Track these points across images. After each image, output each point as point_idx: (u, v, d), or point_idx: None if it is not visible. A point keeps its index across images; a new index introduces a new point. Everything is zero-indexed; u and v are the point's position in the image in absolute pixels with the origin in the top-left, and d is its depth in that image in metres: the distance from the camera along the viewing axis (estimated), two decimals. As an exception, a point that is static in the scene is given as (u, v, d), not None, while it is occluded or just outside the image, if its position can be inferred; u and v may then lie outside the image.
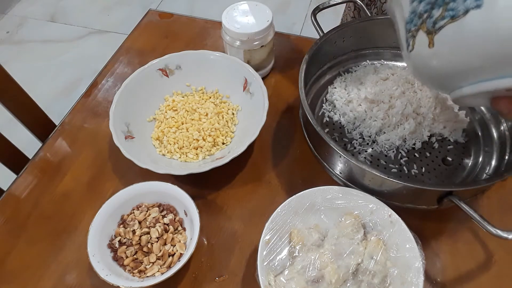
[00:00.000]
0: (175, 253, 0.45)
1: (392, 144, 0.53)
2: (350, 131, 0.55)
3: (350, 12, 0.76)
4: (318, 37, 0.55)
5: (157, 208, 0.48)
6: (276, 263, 0.42)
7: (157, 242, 0.45)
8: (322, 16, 0.59)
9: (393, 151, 0.53)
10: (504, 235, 0.38)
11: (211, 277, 0.46)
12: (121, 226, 0.46)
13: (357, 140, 0.54)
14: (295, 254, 0.42)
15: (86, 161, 0.56)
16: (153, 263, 0.44)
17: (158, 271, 0.43)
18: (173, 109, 0.58)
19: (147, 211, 0.47)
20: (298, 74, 0.50)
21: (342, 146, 0.54)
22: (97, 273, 0.41)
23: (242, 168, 0.55)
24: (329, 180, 0.51)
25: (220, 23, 0.59)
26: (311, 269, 0.40)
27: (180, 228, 0.47)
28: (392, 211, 0.43)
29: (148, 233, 0.46)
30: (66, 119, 0.61)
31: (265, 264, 0.41)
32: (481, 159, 0.52)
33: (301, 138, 0.57)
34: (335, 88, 0.59)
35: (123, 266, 0.44)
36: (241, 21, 0.57)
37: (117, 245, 0.45)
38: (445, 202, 0.43)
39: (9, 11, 1.93)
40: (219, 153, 0.54)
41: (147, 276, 0.43)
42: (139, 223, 0.46)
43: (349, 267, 0.41)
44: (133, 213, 0.47)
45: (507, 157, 0.51)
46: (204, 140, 0.54)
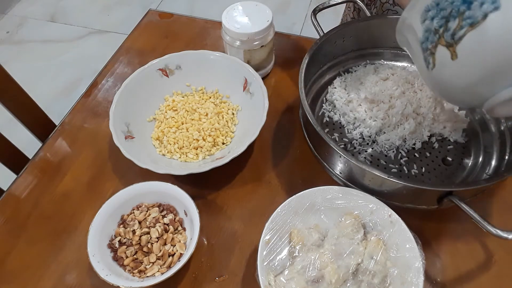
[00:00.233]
0: (175, 253, 0.45)
1: (392, 144, 0.53)
2: (350, 131, 0.55)
3: (350, 12, 0.76)
4: (318, 37, 0.55)
5: (157, 208, 0.48)
6: (276, 263, 0.42)
7: (157, 242, 0.45)
8: (322, 16, 0.59)
9: (393, 151, 0.53)
10: (504, 235, 0.38)
11: (211, 277, 0.46)
12: (121, 226, 0.46)
13: (357, 140, 0.54)
14: (295, 254, 0.42)
15: (86, 161, 0.56)
16: (153, 263, 0.44)
17: (158, 271, 0.43)
18: (173, 109, 0.58)
19: (147, 211, 0.47)
20: (298, 74, 0.50)
21: (342, 146, 0.54)
22: (97, 273, 0.41)
23: (242, 168, 0.55)
24: (329, 180, 0.51)
25: (220, 23, 0.59)
26: (311, 269, 0.40)
27: (180, 228, 0.47)
28: (392, 211, 0.43)
29: (148, 233, 0.46)
30: (66, 119, 0.61)
31: (265, 264, 0.41)
32: (481, 159, 0.52)
33: (301, 138, 0.57)
34: (335, 88, 0.59)
35: (123, 266, 0.44)
36: (241, 21, 0.57)
37: (117, 245, 0.45)
38: (445, 202, 0.43)
39: (9, 11, 1.93)
40: (219, 153, 0.54)
41: (147, 276, 0.43)
42: (139, 223, 0.46)
43: (349, 267, 0.41)
44: (133, 213, 0.47)
45: (507, 157, 0.51)
46: (204, 140, 0.54)
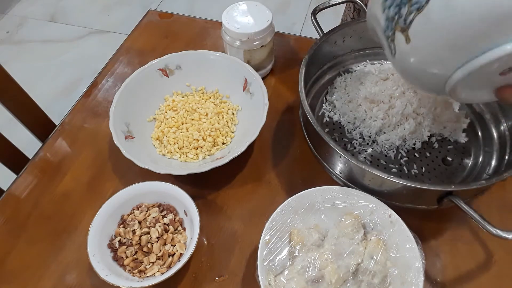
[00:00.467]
0: (175, 253, 0.45)
1: (392, 144, 0.53)
2: (350, 131, 0.55)
3: (350, 12, 0.76)
4: (318, 37, 0.55)
5: (157, 208, 0.48)
6: (276, 263, 0.42)
7: (157, 242, 0.45)
8: (322, 16, 0.59)
9: (393, 151, 0.53)
10: (504, 235, 0.38)
11: (211, 277, 0.46)
12: (121, 226, 0.46)
13: (357, 140, 0.54)
14: (295, 254, 0.42)
15: (86, 161, 0.56)
16: (153, 263, 0.44)
17: (158, 271, 0.43)
18: (173, 109, 0.58)
19: (147, 211, 0.47)
20: (298, 74, 0.50)
21: (342, 146, 0.54)
22: (97, 273, 0.41)
23: (242, 168, 0.55)
24: (329, 180, 0.51)
25: (220, 23, 0.59)
26: (311, 269, 0.40)
27: (180, 228, 0.47)
28: (392, 211, 0.43)
29: (148, 233, 0.46)
30: (66, 119, 0.61)
31: (265, 264, 0.41)
32: (481, 159, 0.52)
33: (301, 138, 0.57)
34: (335, 88, 0.59)
35: (123, 266, 0.44)
36: (241, 21, 0.57)
37: (117, 245, 0.45)
38: (445, 202, 0.43)
39: (9, 11, 1.93)
40: (219, 153, 0.54)
41: (147, 276, 0.43)
42: (139, 223, 0.46)
43: (349, 267, 0.41)
44: (133, 213, 0.47)
45: (507, 157, 0.51)
46: (204, 140, 0.54)
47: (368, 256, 0.41)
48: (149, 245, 0.45)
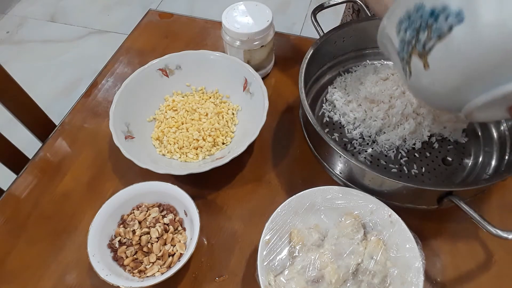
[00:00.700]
0: (175, 253, 0.45)
1: (392, 144, 0.53)
2: (350, 131, 0.55)
3: (349, 12, 0.76)
4: (318, 37, 0.55)
5: (157, 208, 0.48)
6: (276, 263, 0.42)
7: (157, 242, 0.45)
8: (322, 16, 0.59)
9: (393, 151, 0.53)
10: (504, 235, 0.38)
11: (211, 277, 0.46)
12: (121, 226, 0.46)
13: (357, 140, 0.54)
14: (295, 254, 0.42)
15: (86, 161, 0.56)
16: (153, 263, 0.44)
17: (158, 271, 0.43)
18: (173, 109, 0.58)
19: (147, 211, 0.47)
20: (298, 74, 0.50)
21: (342, 146, 0.54)
22: (97, 273, 0.41)
23: (242, 168, 0.55)
24: (329, 180, 0.51)
25: (220, 23, 0.59)
26: (311, 269, 0.40)
27: (180, 228, 0.47)
28: (392, 211, 0.43)
29: (148, 233, 0.46)
30: (66, 119, 0.61)
31: (265, 264, 0.41)
32: (481, 159, 0.52)
33: (301, 138, 0.57)
34: (335, 88, 0.59)
35: (123, 266, 0.44)
36: (241, 21, 0.57)
37: (117, 245, 0.45)
38: (445, 202, 0.43)
39: (9, 11, 1.93)
40: (219, 153, 0.54)
41: (147, 276, 0.43)
42: (139, 223, 0.46)
43: (349, 267, 0.41)
44: (133, 213, 0.47)
45: (507, 157, 0.51)
46: (204, 140, 0.54)
47: (368, 256, 0.41)
48: (149, 245, 0.45)
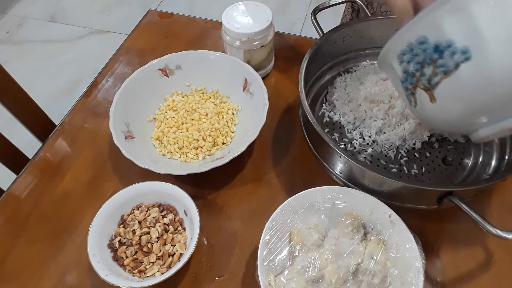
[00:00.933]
0: (175, 253, 0.45)
1: (392, 144, 0.53)
2: (350, 131, 0.55)
3: (349, 12, 0.76)
4: (318, 37, 0.55)
5: (157, 208, 0.48)
6: (276, 263, 0.42)
7: (157, 242, 0.45)
8: (322, 16, 0.59)
9: (393, 151, 0.53)
10: (504, 235, 0.38)
11: (211, 277, 0.46)
12: (121, 226, 0.46)
13: (357, 140, 0.54)
14: (295, 254, 0.42)
15: (86, 161, 0.56)
16: (153, 263, 0.44)
17: (158, 271, 0.43)
18: (173, 109, 0.58)
19: (147, 211, 0.47)
20: (298, 74, 0.50)
21: (342, 146, 0.54)
22: (97, 273, 0.41)
23: (242, 168, 0.55)
24: (329, 180, 0.51)
25: (220, 23, 0.59)
26: (311, 269, 0.40)
27: (180, 228, 0.47)
28: (392, 211, 0.43)
29: (148, 233, 0.46)
30: (66, 119, 0.61)
31: (265, 264, 0.41)
32: (481, 159, 0.52)
33: (301, 138, 0.56)
34: (335, 88, 0.59)
35: (123, 266, 0.44)
36: (241, 21, 0.57)
37: (117, 245, 0.45)
38: (445, 202, 0.43)
39: (9, 11, 1.93)
40: (219, 153, 0.54)
41: (147, 276, 0.43)
42: (139, 223, 0.46)
43: (349, 267, 0.41)
44: (133, 213, 0.47)
45: (507, 157, 0.51)
46: (204, 140, 0.54)
47: (368, 256, 0.41)
48: (149, 245, 0.45)
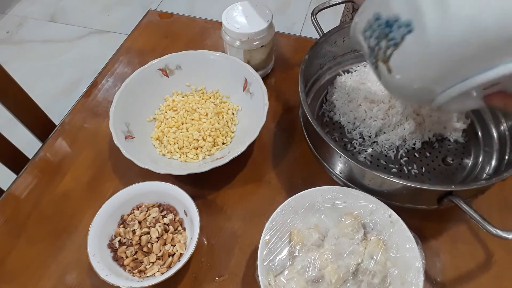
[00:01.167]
0: (175, 253, 0.45)
1: (392, 144, 0.53)
2: (350, 131, 0.55)
3: (349, 12, 0.76)
4: (318, 37, 0.55)
5: (157, 208, 0.48)
6: (276, 263, 0.42)
7: (157, 242, 0.45)
8: (322, 16, 0.58)
9: (393, 151, 0.53)
10: (504, 235, 0.38)
11: (211, 277, 0.46)
12: (121, 226, 0.46)
13: (357, 140, 0.54)
14: (295, 254, 0.42)
15: (86, 161, 0.56)
16: (153, 263, 0.44)
17: (158, 271, 0.43)
18: (173, 109, 0.58)
19: (147, 211, 0.47)
20: (298, 74, 0.50)
21: (342, 146, 0.54)
22: (97, 273, 0.41)
23: (242, 168, 0.55)
24: (329, 180, 0.51)
25: (220, 23, 0.59)
26: (311, 269, 0.40)
27: (180, 228, 0.47)
28: (392, 211, 0.43)
29: (148, 233, 0.46)
30: (66, 119, 0.61)
31: (265, 264, 0.41)
32: (481, 159, 0.52)
33: (301, 138, 0.57)
34: (335, 88, 0.59)
35: (123, 266, 0.44)
36: (241, 21, 0.57)
37: (117, 245, 0.45)
38: (445, 202, 0.43)
39: (9, 11, 1.93)
40: (219, 153, 0.54)
41: (147, 276, 0.43)
42: (139, 223, 0.46)
43: (349, 267, 0.41)
44: (133, 213, 0.47)
45: (507, 157, 0.51)
46: (204, 140, 0.54)
47: (368, 256, 0.41)
48: (149, 245, 0.45)
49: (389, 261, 0.41)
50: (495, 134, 0.54)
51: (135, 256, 0.45)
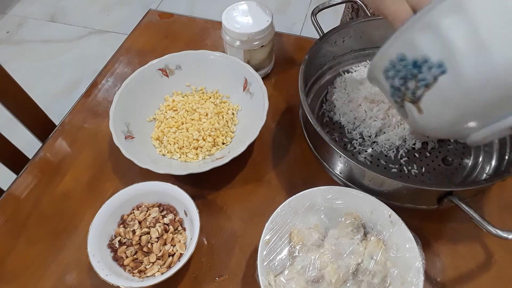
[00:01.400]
0: (175, 253, 0.45)
1: (392, 144, 0.53)
2: (350, 131, 0.55)
3: (349, 12, 0.76)
4: (318, 37, 0.55)
5: (157, 208, 0.48)
6: (276, 263, 0.42)
7: (157, 242, 0.45)
8: (322, 16, 0.59)
9: (393, 151, 0.53)
10: (504, 235, 0.38)
11: (211, 277, 0.46)
12: (121, 226, 0.46)
13: (357, 140, 0.54)
14: (295, 254, 0.42)
15: (86, 161, 0.56)
16: (153, 263, 0.44)
17: (158, 271, 0.43)
18: (173, 109, 0.58)
19: (147, 211, 0.47)
20: (298, 74, 0.50)
21: (342, 146, 0.54)
22: (97, 273, 0.41)
23: (242, 168, 0.55)
24: (329, 180, 0.51)
25: (220, 23, 0.59)
26: (311, 269, 0.40)
27: (180, 228, 0.47)
28: (392, 211, 0.43)
29: (148, 233, 0.46)
30: (66, 119, 0.61)
31: (265, 264, 0.41)
32: (481, 159, 0.52)
33: (301, 138, 0.56)
34: (335, 88, 0.59)
35: (123, 266, 0.44)
36: (241, 21, 0.57)
37: (117, 245, 0.45)
38: (445, 202, 0.43)
39: (9, 11, 1.93)
40: (219, 153, 0.54)
41: (147, 276, 0.43)
42: (139, 223, 0.46)
43: (349, 267, 0.41)
44: (133, 213, 0.47)
45: (507, 157, 0.51)
46: (204, 140, 0.54)
47: (368, 256, 0.41)
48: (149, 245, 0.45)
49: (389, 261, 0.41)
50: (495, 134, 0.54)
51: (135, 256, 0.45)
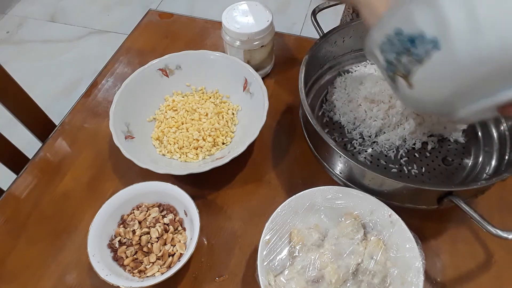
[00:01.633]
0: (175, 253, 0.45)
1: (392, 144, 0.53)
2: (350, 131, 0.55)
3: (349, 13, 0.76)
4: (318, 37, 0.55)
5: (157, 208, 0.48)
6: (276, 263, 0.42)
7: (157, 242, 0.45)
8: (322, 16, 0.59)
9: (393, 151, 0.53)
10: (504, 235, 0.38)
11: (211, 277, 0.46)
12: (121, 226, 0.46)
13: (357, 140, 0.54)
14: (295, 254, 0.42)
15: (86, 161, 0.56)
16: (153, 263, 0.44)
17: (158, 271, 0.43)
18: (173, 109, 0.58)
19: (147, 211, 0.47)
20: (298, 74, 0.50)
21: (342, 146, 0.54)
22: (97, 273, 0.41)
23: (242, 168, 0.55)
24: (329, 180, 0.51)
25: (220, 23, 0.59)
26: (311, 269, 0.40)
27: (180, 228, 0.47)
28: (392, 211, 0.43)
29: (148, 233, 0.46)
30: (66, 119, 0.61)
31: (265, 264, 0.41)
32: (481, 159, 0.52)
33: (301, 138, 0.56)
34: (335, 88, 0.59)
35: (123, 266, 0.44)
36: (241, 21, 0.57)
37: (117, 245, 0.45)
38: (445, 202, 0.43)
39: (9, 11, 1.93)
40: (219, 153, 0.54)
41: (147, 276, 0.43)
42: (139, 223, 0.46)
43: (349, 267, 0.41)
44: (133, 213, 0.47)
45: (507, 157, 0.51)
46: (204, 140, 0.54)
47: (368, 256, 0.41)
48: (149, 245, 0.45)
49: (389, 261, 0.41)
50: (495, 134, 0.54)
51: (135, 256, 0.45)
